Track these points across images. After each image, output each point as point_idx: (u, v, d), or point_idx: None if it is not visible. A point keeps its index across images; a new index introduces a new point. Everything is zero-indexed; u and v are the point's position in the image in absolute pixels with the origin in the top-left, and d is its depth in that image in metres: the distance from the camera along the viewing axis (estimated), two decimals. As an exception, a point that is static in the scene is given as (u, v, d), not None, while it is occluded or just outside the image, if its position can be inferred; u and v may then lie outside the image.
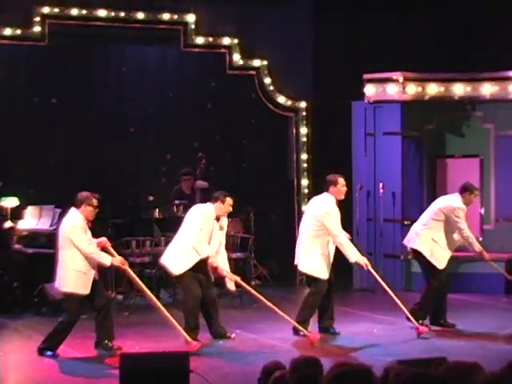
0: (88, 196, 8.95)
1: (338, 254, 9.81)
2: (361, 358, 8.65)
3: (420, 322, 10.03)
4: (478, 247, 10.32)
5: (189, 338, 9.01)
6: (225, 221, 9.69)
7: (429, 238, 10.24)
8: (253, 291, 9.69)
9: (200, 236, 9.41)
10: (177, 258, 9.56)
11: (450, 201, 10.35)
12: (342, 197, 9.85)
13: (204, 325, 9.61)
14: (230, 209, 9.58)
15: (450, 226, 10.21)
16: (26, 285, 11.22)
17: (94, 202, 8.96)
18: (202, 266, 9.50)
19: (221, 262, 9.55)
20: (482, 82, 13.26)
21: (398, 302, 9.74)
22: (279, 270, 13.57)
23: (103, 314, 8.98)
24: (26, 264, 11.36)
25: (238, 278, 9.59)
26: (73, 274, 8.88)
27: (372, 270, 9.95)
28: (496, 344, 9.36)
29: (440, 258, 10.20)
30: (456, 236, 10.25)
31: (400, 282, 13.02)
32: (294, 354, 8.35)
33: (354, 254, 9.73)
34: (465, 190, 10.43)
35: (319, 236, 9.72)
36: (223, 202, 9.51)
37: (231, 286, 9.62)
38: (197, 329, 9.48)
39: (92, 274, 8.89)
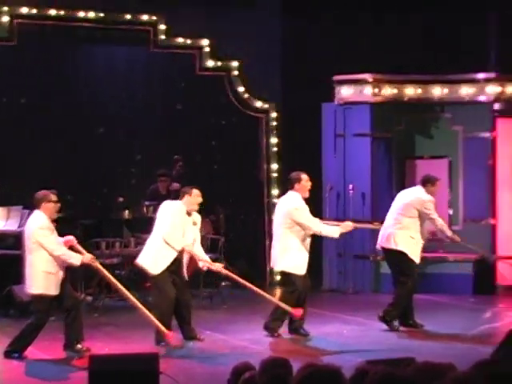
0: (45, 193, 8.86)
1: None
2: (330, 359, 8.68)
3: (391, 321, 10.11)
4: (449, 233, 10.49)
5: (165, 330, 8.98)
6: (197, 216, 9.65)
7: (407, 237, 10.30)
8: (238, 278, 9.74)
9: (172, 230, 9.40)
10: (152, 256, 9.54)
11: (417, 194, 10.40)
12: (307, 193, 9.85)
13: (175, 326, 9.59)
14: (199, 199, 9.50)
15: (422, 220, 10.29)
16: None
17: (52, 197, 8.83)
18: (177, 268, 9.47)
19: (197, 250, 9.55)
20: (452, 84, 13.35)
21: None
22: (249, 271, 13.56)
23: (73, 315, 8.92)
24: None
25: (220, 265, 9.65)
26: (42, 276, 8.81)
27: (360, 226, 10.28)
28: (463, 344, 9.42)
29: (417, 254, 10.27)
30: (425, 226, 10.29)
31: (369, 283, 13.09)
32: (264, 355, 8.36)
33: (335, 232, 9.82)
34: (427, 182, 10.50)
35: (293, 233, 9.74)
36: (190, 194, 9.50)
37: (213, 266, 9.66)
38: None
39: (61, 274, 8.85)
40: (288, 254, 9.79)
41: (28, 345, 8.84)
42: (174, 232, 9.41)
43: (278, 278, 12.30)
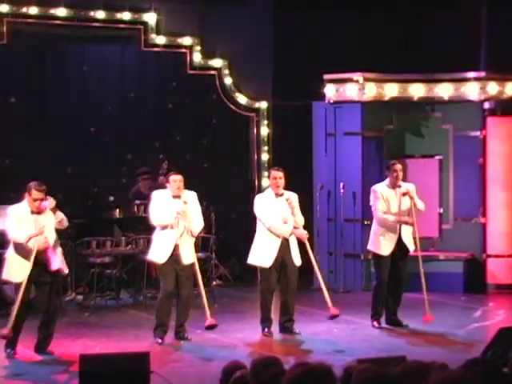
0: (30, 186, 8.77)
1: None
2: (321, 358, 8.70)
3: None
4: (393, 219, 10.20)
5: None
6: (189, 195, 9.57)
7: (372, 233, 10.34)
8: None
9: (157, 213, 9.44)
10: (153, 246, 9.60)
11: None
12: (277, 189, 9.82)
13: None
14: (179, 183, 9.42)
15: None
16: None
17: (34, 192, 8.71)
18: (178, 259, 9.45)
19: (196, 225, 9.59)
20: (441, 83, 13.37)
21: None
22: (240, 270, 13.58)
23: (45, 318, 8.82)
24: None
25: None
26: (7, 262, 8.83)
27: (308, 246, 9.90)
28: (454, 343, 9.44)
29: (386, 246, 10.22)
30: (391, 218, 10.19)
31: (360, 282, 13.11)
32: (254, 354, 8.39)
33: (285, 229, 9.75)
34: (386, 169, 10.49)
35: (259, 227, 9.90)
36: (168, 181, 9.57)
37: None
38: (162, 327, 9.47)
39: (26, 261, 8.66)
40: (254, 248, 9.95)
41: (16, 338, 8.75)
42: (160, 213, 9.42)
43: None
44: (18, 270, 8.74)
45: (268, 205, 9.81)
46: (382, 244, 10.24)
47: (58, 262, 8.86)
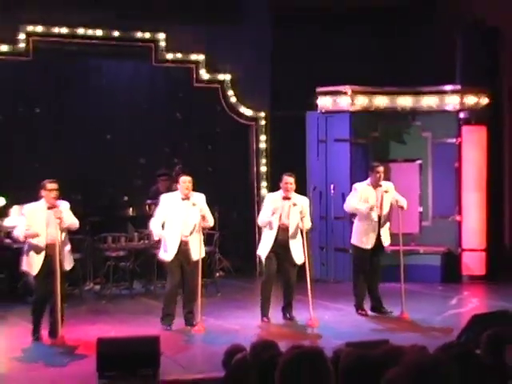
0: (43, 183, 8.79)
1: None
2: (313, 341, 8.72)
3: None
4: (363, 208, 10.16)
5: None
6: (197, 197, 9.52)
7: (354, 227, 10.33)
8: None
9: (163, 218, 9.42)
10: (163, 245, 9.55)
11: None
12: (286, 193, 9.82)
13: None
14: (188, 184, 9.39)
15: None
16: (12, 276, 11.11)
17: (48, 185, 8.72)
18: (186, 255, 9.43)
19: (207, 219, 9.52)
20: (422, 95, 13.39)
21: None
22: (240, 263, 13.60)
23: (51, 306, 8.75)
24: (11, 257, 11.23)
25: None
26: (24, 254, 8.81)
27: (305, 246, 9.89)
28: (432, 328, 9.44)
29: (365, 240, 10.23)
30: (374, 215, 10.16)
31: (348, 273, 13.09)
32: (254, 337, 8.39)
33: (272, 233, 9.74)
34: (370, 170, 10.46)
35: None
36: (179, 182, 9.56)
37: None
38: (169, 316, 9.45)
39: (38, 256, 8.66)
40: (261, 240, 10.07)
41: (37, 324, 8.72)
42: (168, 221, 9.40)
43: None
44: (33, 263, 8.72)
45: (271, 204, 9.80)
46: (363, 239, 10.23)
47: (65, 258, 8.82)
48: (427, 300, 11.36)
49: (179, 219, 9.38)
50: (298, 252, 9.79)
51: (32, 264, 8.72)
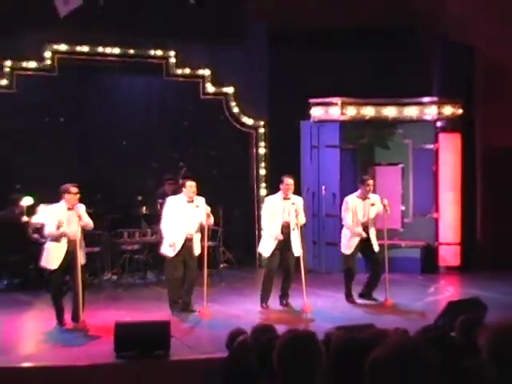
0: (66, 187, 8.72)
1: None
2: (307, 325, 8.73)
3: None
4: (356, 231, 10.10)
5: None
6: (200, 200, 9.53)
7: (345, 237, 10.31)
8: None
9: (169, 220, 9.39)
10: (164, 242, 9.56)
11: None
12: (287, 193, 9.83)
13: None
14: (194, 188, 9.41)
15: (355, 215, 10.18)
16: (39, 268, 11.10)
17: (72, 189, 8.67)
18: (188, 251, 9.43)
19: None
20: (404, 106, 13.40)
21: None
22: (242, 255, 13.61)
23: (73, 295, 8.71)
24: (39, 251, 11.23)
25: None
26: (44, 251, 8.76)
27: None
28: (413, 313, 9.45)
29: (350, 245, 10.19)
30: (357, 229, 10.12)
31: (338, 265, 13.09)
32: (254, 322, 8.40)
33: (272, 235, 9.70)
34: (360, 183, 10.39)
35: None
36: (184, 185, 9.52)
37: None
38: (176, 303, 9.49)
39: (60, 252, 8.62)
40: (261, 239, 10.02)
41: (59, 312, 8.69)
42: (175, 221, 9.38)
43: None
44: (53, 258, 8.68)
45: (272, 207, 9.78)
46: (347, 245, 10.22)
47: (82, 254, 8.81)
48: (408, 288, 11.37)
49: (185, 219, 9.41)
50: (297, 245, 9.82)
51: (52, 259, 8.68)
